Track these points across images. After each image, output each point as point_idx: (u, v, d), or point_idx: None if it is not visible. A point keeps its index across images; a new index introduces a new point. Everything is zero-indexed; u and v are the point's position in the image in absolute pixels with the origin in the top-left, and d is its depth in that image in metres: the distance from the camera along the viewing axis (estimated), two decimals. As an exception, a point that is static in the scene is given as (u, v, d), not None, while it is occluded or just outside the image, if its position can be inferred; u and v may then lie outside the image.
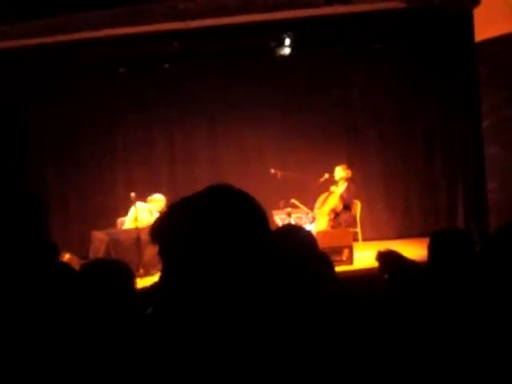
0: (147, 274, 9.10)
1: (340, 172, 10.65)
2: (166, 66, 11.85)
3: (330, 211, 10.47)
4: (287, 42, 11.14)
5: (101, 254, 9.29)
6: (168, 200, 10.00)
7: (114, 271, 2.97)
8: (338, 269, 5.30)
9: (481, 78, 9.72)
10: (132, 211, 10.12)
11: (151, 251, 8.65)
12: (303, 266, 2.61)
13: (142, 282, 7.88)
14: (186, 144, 12.41)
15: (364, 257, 9.46)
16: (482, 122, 9.77)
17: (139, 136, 12.26)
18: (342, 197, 10.53)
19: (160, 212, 10.00)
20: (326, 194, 10.75)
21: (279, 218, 10.02)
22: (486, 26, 9.48)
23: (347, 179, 10.64)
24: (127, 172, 12.23)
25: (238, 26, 10.34)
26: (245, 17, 10.06)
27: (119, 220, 10.49)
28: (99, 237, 9.73)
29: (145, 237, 9.05)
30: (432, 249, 3.83)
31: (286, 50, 11.24)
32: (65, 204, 12.10)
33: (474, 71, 9.88)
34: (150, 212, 10.12)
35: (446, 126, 11.54)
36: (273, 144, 12.09)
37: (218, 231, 1.55)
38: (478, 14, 9.65)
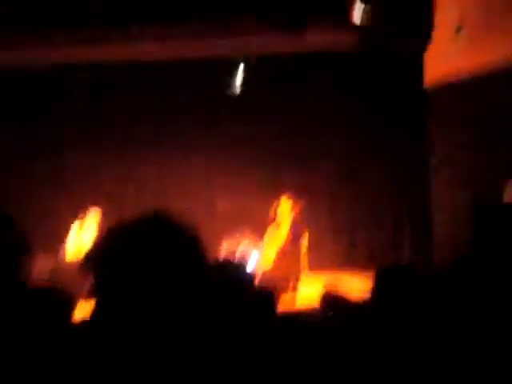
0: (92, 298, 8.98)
1: (284, 203, 10.64)
2: (117, 92, 11.87)
3: (279, 242, 10.47)
4: (240, 73, 11.25)
5: (44, 280, 9.14)
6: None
7: (53, 298, 2.91)
8: (281, 307, 5.28)
9: (429, 118, 9.92)
10: (74, 233, 10.08)
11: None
12: (241, 302, 2.59)
13: (87, 306, 7.74)
14: (133, 170, 12.38)
15: (310, 287, 9.47)
16: (430, 159, 9.93)
17: (87, 160, 12.16)
18: (291, 227, 10.53)
19: (97, 226, 10.01)
20: (275, 224, 10.73)
21: (227, 247, 9.98)
22: (434, 69, 9.67)
23: (294, 210, 10.63)
24: (74, 195, 12.10)
25: (191, 59, 10.43)
26: (198, 50, 10.15)
27: (64, 244, 10.37)
28: (43, 262, 9.58)
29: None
30: (376, 284, 3.84)
31: (239, 82, 11.33)
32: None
33: (423, 112, 10.08)
34: (86, 228, 10.10)
35: (394, 161, 11.68)
36: (222, 172, 12.09)
37: (152, 261, 1.53)
38: (428, 58, 9.85)
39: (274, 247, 10.46)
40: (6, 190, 11.80)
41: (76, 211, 10.37)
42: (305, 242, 10.66)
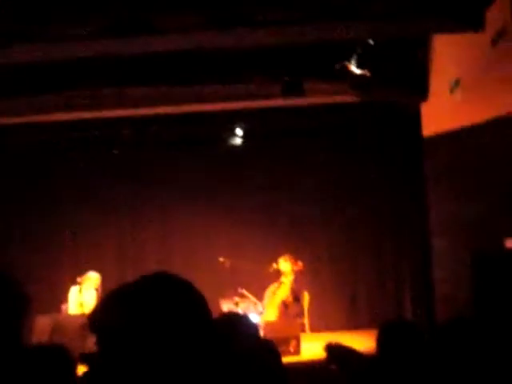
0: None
1: (283, 263, 10.63)
2: (116, 152, 11.91)
3: (279, 302, 10.43)
4: (239, 132, 11.33)
5: (44, 339, 9.07)
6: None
7: (55, 357, 2.89)
8: (286, 359, 5.24)
9: (427, 171, 9.95)
10: (74, 295, 10.07)
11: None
12: (247, 353, 2.57)
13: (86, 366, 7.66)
14: (134, 230, 12.38)
15: (311, 348, 9.37)
16: (428, 214, 9.94)
17: (88, 221, 12.16)
18: (291, 288, 10.50)
19: (96, 290, 9.99)
20: (275, 285, 10.70)
21: (227, 308, 9.94)
22: (432, 121, 9.76)
23: (295, 270, 10.61)
24: (74, 256, 12.07)
25: (191, 115, 10.48)
26: (198, 106, 10.20)
27: (64, 305, 10.33)
28: (43, 321, 9.53)
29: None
30: (380, 340, 3.82)
31: (238, 140, 11.40)
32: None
33: (421, 165, 10.12)
34: (81, 291, 10.07)
35: (394, 216, 11.71)
36: (222, 232, 12.11)
37: (156, 323, 1.52)
38: (426, 110, 9.95)
39: (274, 307, 10.41)
40: (7, 252, 11.80)
41: (76, 273, 10.36)
42: (305, 302, 10.62)
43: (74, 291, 10.13)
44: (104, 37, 7.23)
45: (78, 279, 10.10)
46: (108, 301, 1.62)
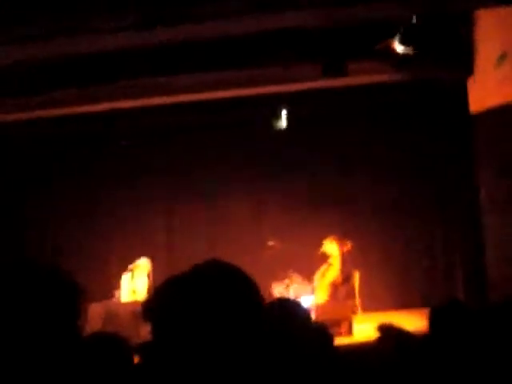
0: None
1: (329, 245, 10.58)
2: (161, 139, 12.01)
3: (329, 284, 10.41)
4: (284, 114, 11.27)
5: (98, 327, 9.17)
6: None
7: (113, 346, 2.93)
8: (338, 341, 5.24)
9: (476, 148, 9.84)
10: (126, 283, 10.18)
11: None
12: (300, 338, 2.59)
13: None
14: (183, 216, 12.46)
15: (363, 328, 9.36)
16: (479, 191, 9.82)
17: (136, 209, 12.31)
18: (341, 269, 10.47)
19: (147, 276, 10.04)
20: (325, 266, 10.68)
21: (278, 291, 9.96)
22: (479, 97, 9.63)
23: (343, 251, 10.57)
24: (123, 246, 12.18)
25: (234, 99, 10.47)
26: (241, 90, 10.18)
27: (116, 292, 10.44)
28: (96, 309, 9.64)
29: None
30: (432, 320, 3.81)
31: (283, 123, 11.34)
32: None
33: (470, 141, 10.01)
34: (134, 279, 10.17)
35: (444, 195, 11.61)
36: (270, 215, 12.13)
37: (210, 311, 1.54)
38: (472, 85, 9.82)
39: (324, 289, 10.40)
40: (60, 243, 11.99)
41: (127, 261, 10.47)
42: (356, 282, 10.59)
43: (126, 279, 10.22)
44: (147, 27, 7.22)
45: (130, 266, 10.19)
46: (162, 289, 1.64)
